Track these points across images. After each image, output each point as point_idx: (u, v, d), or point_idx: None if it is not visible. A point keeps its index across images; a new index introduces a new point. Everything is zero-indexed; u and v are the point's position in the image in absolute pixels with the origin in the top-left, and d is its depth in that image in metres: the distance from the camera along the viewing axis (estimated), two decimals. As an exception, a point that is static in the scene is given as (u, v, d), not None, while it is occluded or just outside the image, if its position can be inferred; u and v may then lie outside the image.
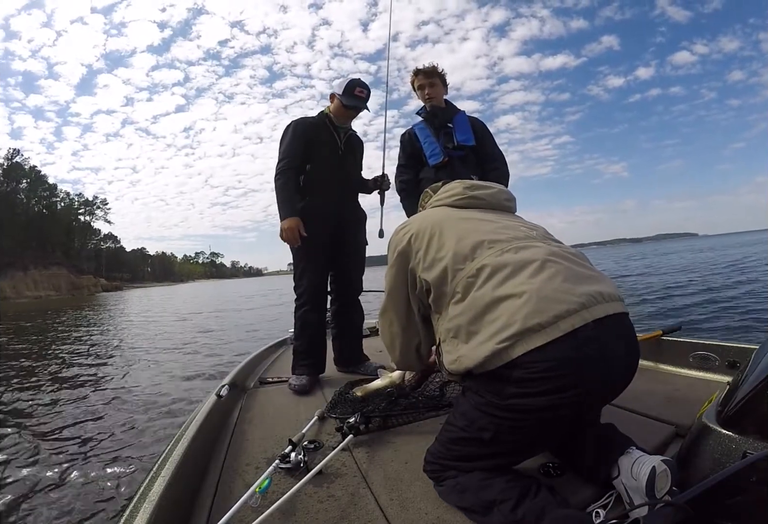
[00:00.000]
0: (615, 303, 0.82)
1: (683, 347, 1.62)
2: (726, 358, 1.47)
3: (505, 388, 0.77)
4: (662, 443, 1.06)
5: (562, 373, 0.73)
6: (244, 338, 6.97)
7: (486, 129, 2.20)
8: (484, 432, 0.80)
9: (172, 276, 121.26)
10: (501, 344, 0.76)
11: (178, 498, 0.87)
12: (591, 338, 0.75)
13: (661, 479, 0.71)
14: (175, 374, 4.55)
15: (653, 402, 1.30)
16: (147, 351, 6.32)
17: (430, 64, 2.14)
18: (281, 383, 1.86)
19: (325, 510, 0.87)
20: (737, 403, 0.76)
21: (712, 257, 19.72)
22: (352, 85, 1.85)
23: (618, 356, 0.80)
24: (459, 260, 0.89)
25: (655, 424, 1.16)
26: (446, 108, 2.20)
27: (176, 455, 0.95)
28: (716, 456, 0.74)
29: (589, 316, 0.76)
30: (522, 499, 0.75)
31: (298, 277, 1.90)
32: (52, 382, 4.51)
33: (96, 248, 71.30)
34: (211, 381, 3.97)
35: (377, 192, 2.09)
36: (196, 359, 5.43)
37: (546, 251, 0.87)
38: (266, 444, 1.21)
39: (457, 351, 0.86)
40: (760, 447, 0.68)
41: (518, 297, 0.78)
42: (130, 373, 4.79)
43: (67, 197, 62.38)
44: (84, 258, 60.30)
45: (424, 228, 1.00)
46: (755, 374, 0.78)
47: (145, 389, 3.99)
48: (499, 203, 1.09)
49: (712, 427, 0.77)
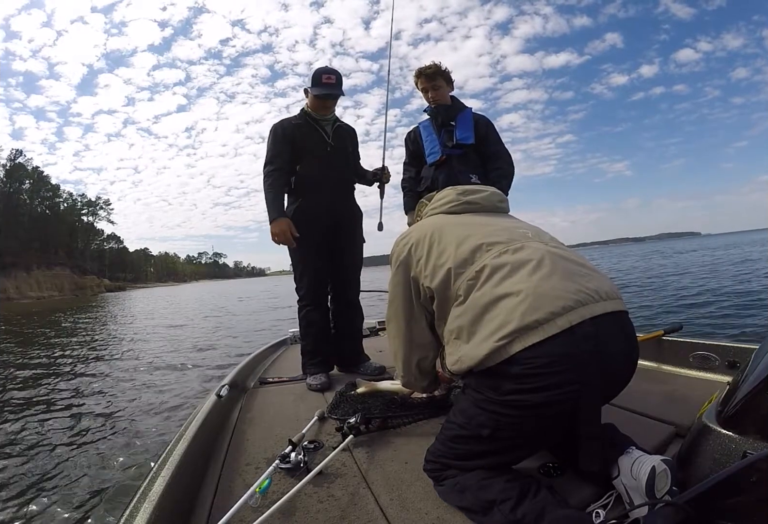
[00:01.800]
0: (613, 301, 0.83)
1: (683, 347, 1.62)
2: (726, 358, 1.47)
3: (504, 384, 0.78)
4: (662, 443, 1.06)
5: (560, 369, 0.74)
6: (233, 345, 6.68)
7: (490, 126, 2.17)
8: (482, 428, 0.81)
9: (174, 276, 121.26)
10: (499, 341, 0.76)
11: (178, 498, 0.87)
12: (589, 335, 0.76)
13: (660, 479, 0.71)
14: (175, 374, 4.55)
15: (653, 402, 1.30)
16: (151, 351, 6.33)
17: (432, 64, 2.12)
18: (281, 383, 1.87)
19: (325, 510, 0.87)
20: (737, 403, 0.76)
21: (721, 255, 19.47)
22: (318, 74, 1.83)
23: (617, 352, 0.80)
24: (460, 265, 0.91)
25: (655, 424, 1.16)
26: (451, 105, 2.19)
27: (176, 455, 0.96)
28: (716, 456, 0.74)
29: (586, 313, 0.77)
30: (522, 499, 0.75)
31: (298, 278, 1.91)
32: (50, 380, 4.52)
33: (99, 248, 71.28)
34: (211, 381, 3.98)
35: (377, 185, 2.10)
36: (195, 360, 5.43)
37: (543, 251, 0.88)
38: (266, 444, 1.21)
39: (458, 352, 0.87)
40: (760, 447, 0.68)
41: (516, 296, 0.79)
42: (130, 373, 4.80)
43: (70, 198, 62.30)
44: (87, 259, 60.17)
45: (423, 237, 1.02)
46: (755, 374, 0.78)
47: (145, 388, 3.99)
48: (493, 205, 1.11)
49: (712, 427, 0.77)
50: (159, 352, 6.22)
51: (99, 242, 71.87)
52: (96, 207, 65.53)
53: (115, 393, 3.91)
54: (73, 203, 62.65)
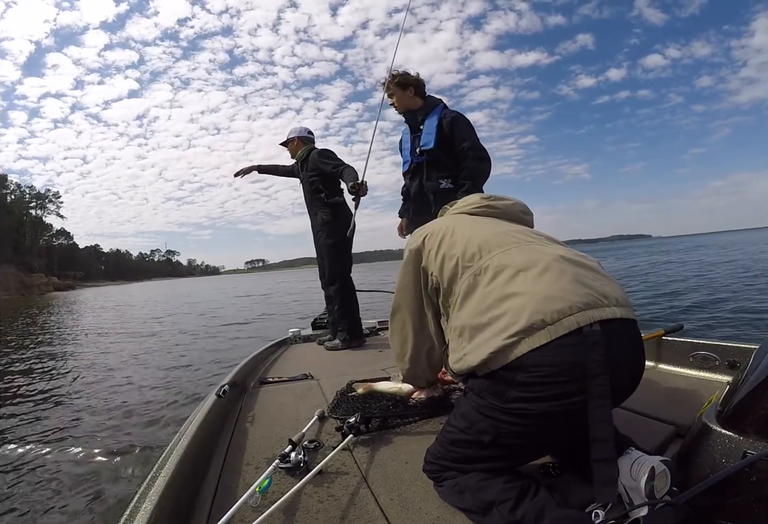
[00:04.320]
0: (623, 308, 0.81)
1: (683, 347, 1.62)
2: (726, 358, 1.47)
3: (508, 391, 0.76)
4: (662, 443, 1.06)
5: (567, 379, 0.73)
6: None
7: (456, 124, 2.06)
8: (483, 435, 0.80)
9: (127, 275, 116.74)
10: (506, 340, 0.75)
11: (178, 497, 0.87)
12: (598, 344, 0.73)
13: (660, 479, 0.71)
14: (175, 374, 4.55)
15: (653, 402, 1.30)
16: (147, 349, 6.32)
17: (391, 73, 2.17)
18: (281, 383, 1.87)
19: (325, 510, 0.87)
20: (737, 403, 0.76)
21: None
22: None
23: (624, 363, 0.79)
24: (467, 258, 0.91)
25: (655, 424, 1.16)
26: (419, 109, 2.17)
27: (176, 455, 0.96)
28: (716, 456, 0.74)
29: (594, 315, 0.75)
30: (521, 499, 0.75)
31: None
32: (47, 378, 4.52)
33: (48, 244, 66.12)
34: (211, 381, 3.97)
35: (352, 199, 2.43)
36: (194, 360, 5.42)
37: (554, 253, 0.87)
38: (266, 444, 1.21)
39: (461, 350, 0.86)
40: (760, 447, 0.68)
41: (523, 295, 0.79)
42: (130, 373, 4.80)
43: (18, 190, 56.93)
44: (35, 255, 55.45)
45: (438, 230, 1.04)
46: (755, 374, 0.78)
47: (144, 389, 3.99)
48: (515, 215, 1.11)
49: (712, 427, 0.77)
50: (156, 351, 6.21)
51: (48, 238, 66.86)
52: (45, 200, 60.44)
53: (114, 392, 3.90)
54: (21, 196, 57.44)
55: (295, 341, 2.93)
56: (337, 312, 2.67)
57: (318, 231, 2.73)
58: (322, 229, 2.69)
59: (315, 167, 2.67)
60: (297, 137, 2.81)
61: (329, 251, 2.68)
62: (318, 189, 2.69)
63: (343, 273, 2.72)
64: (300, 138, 2.81)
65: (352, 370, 2.02)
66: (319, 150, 2.71)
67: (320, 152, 2.68)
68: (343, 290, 2.69)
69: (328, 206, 2.69)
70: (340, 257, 2.70)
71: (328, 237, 2.67)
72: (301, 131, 2.84)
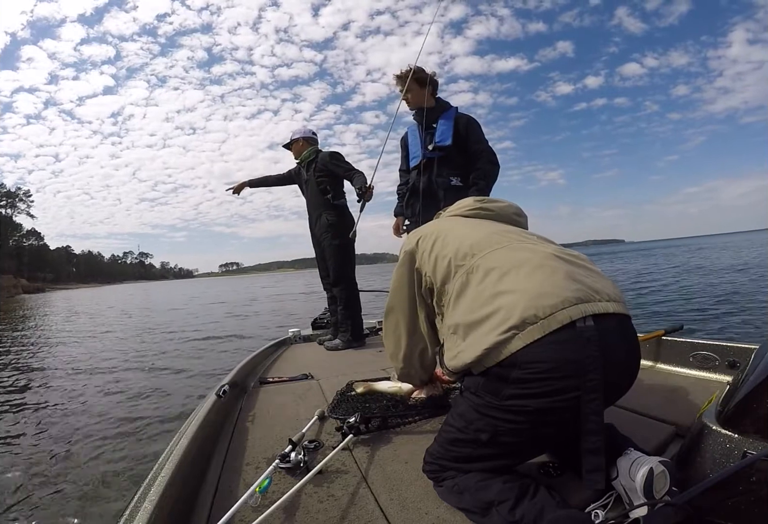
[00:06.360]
0: (615, 304, 0.81)
1: (683, 347, 1.62)
2: (726, 358, 1.47)
3: (504, 388, 0.77)
4: (662, 443, 1.06)
5: (562, 375, 0.73)
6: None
7: (471, 125, 2.15)
8: (481, 433, 0.80)
9: (99, 277, 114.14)
10: (499, 337, 0.76)
11: (178, 497, 0.86)
12: (592, 340, 0.74)
13: (658, 480, 0.71)
14: (175, 374, 4.55)
15: (653, 402, 1.30)
16: (146, 353, 6.31)
17: (408, 68, 2.17)
18: (281, 383, 1.87)
19: (325, 510, 0.87)
20: (737, 403, 0.76)
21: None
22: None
23: (619, 359, 0.79)
24: (460, 257, 0.92)
25: (655, 424, 1.16)
26: (434, 108, 2.19)
27: (176, 455, 0.96)
28: (716, 456, 0.74)
29: (587, 309, 0.76)
30: (520, 499, 0.75)
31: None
32: (46, 377, 4.52)
33: (17, 245, 63.86)
34: (212, 381, 3.97)
35: (357, 201, 2.44)
36: (192, 362, 5.42)
37: (546, 251, 0.88)
38: (266, 444, 1.21)
39: (456, 348, 0.86)
40: (760, 447, 0.68)
41: (515, 292, 0.79)
42: (129, 372, 4.79)
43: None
44: (4, 256, 53.35)
45: (432, 231, 1.06)
46: (755, 374, 0.78)
47: (144, 389, 3.98)
48: (509, 217, 1.12)
49: (712, 427, 0.77)
50: (156, 354, 6.21)
51: (17, 238, 64.40)
52: (15, 199, 58.16)
53: (113, 391, 3.90)
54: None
55: (295, 341, 2.93)
56: (342, 313, 2.68)
57: (322, 232, 2.72)
58: (328, 230, 2.69)
59: (325, 168, 2.69)
60: (302, 137, 2.82)
61: (336, 253, 2.68)
62: (325, 190, 2.70)
63: (349, 274, 2.73)
64: (305, 138, 2.82)
65: (352, 370, 2.02)
66: (329, 152, 2.73)
67: (331, 155, 2.71)
68: (349, 291, 2.70)
69: (334, 208, 2.71)
70: (347, 259, 2.71)
71: (335, 238, 2.67)
72: (306, 131, 2.85)
